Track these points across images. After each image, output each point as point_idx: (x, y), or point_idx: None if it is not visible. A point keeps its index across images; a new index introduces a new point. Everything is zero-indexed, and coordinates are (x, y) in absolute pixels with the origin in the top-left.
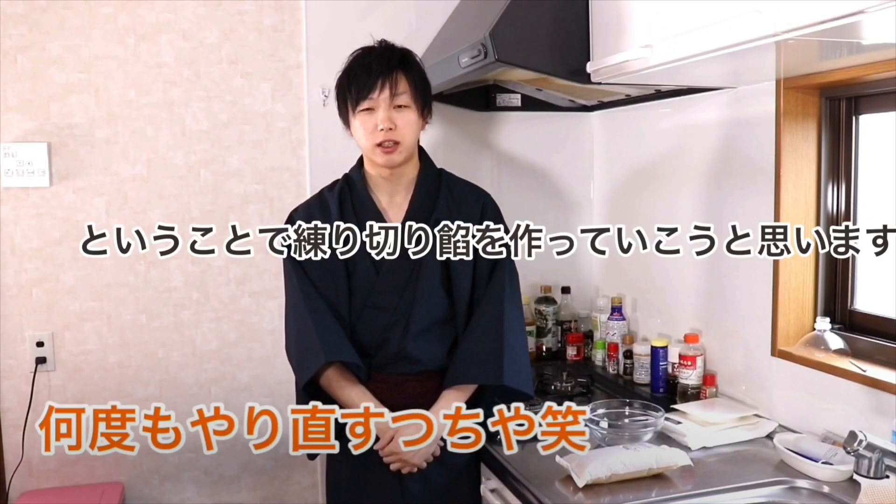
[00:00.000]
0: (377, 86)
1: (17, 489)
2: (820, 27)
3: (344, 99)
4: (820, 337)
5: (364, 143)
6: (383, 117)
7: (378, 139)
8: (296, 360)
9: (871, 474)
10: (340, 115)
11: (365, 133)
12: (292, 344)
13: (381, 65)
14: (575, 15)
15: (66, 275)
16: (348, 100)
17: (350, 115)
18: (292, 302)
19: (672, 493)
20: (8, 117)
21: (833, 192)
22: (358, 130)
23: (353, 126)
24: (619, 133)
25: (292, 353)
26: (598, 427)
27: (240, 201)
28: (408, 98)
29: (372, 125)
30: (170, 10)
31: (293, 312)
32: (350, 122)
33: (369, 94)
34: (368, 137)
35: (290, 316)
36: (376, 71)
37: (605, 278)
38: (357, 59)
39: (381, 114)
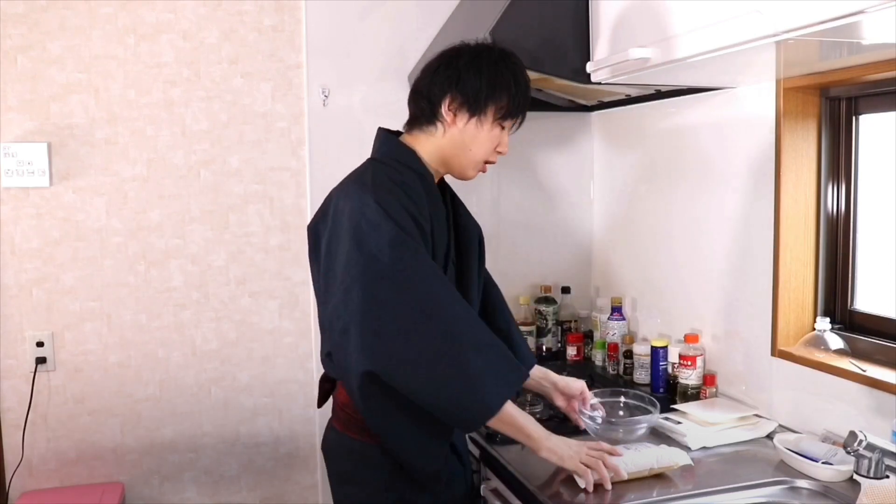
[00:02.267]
0: (524, 114)
1: (17, 489)
2: (820, 27)
3: (492, 99)
4: (820, 337)
5: (478, 152)
6: (507, 142)
7: (492, 158)
8: (480, 372)
9: (871, 474)
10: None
11: (489, 146)
12: (466, 353)
13: (530, 96)
14: (575, 15)
15: (66, 275)
16: (500, 104)
17: (490, 117)
18: (446, 293)
19: (672, 493)
20: (8, 117)
21: (833, 192)
22: (487, 138)
23: (482, 128)
24: (619, 133)
25: (465, 365)
26: (592, 421)
27: (240, 201)
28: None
29: (496, 143)
30: (170, 10)
31: (450, 310)
32: (482, 122)
33: (520, 116)
34: (487, 152)
35: (445, 319)
36: (528, 102)
37: (605, 278)
38: (521, 72)
39: (506, 138)
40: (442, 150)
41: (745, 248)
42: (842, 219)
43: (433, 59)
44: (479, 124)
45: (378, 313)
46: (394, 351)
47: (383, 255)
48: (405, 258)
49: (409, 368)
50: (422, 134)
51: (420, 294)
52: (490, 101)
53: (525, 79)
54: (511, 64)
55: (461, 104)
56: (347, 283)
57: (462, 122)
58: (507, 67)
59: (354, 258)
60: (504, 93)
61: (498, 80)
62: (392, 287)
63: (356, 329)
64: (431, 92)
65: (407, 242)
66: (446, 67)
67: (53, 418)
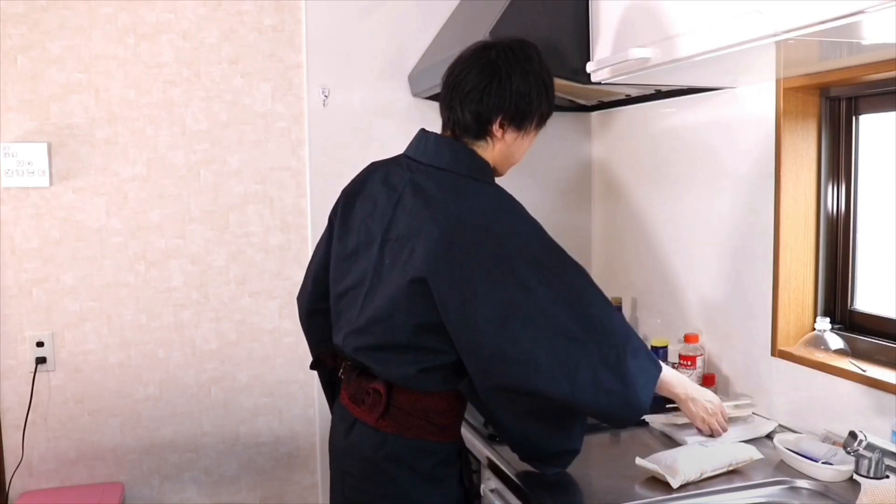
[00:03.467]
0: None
1: (17, 489)
2: (820, 27)
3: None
4: (820, 337)
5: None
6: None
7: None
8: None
9: (871, 474)
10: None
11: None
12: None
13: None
14: (575, 15)
15: (66, 275)
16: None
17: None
18: (594, 291)
19: (673, 493)
20: (8, 117)
21: (833, 192)
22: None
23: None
24: (619, 133)
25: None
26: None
27: (240, 201)
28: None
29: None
30: (170, 10)
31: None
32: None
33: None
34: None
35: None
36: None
37: (605, 278)
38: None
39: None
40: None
41: (745, 248)
42: (842, 219)
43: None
44: (525, 135)
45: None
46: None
47: (568, 275)
48: (560, 253)
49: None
50: (475, 146)
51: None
52: (535, 112)
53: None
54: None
55: (511, 121)
56: (531, 305)
57: (511, 137)
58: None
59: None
60: (545, 100)
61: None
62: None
63: (545, 354)
64: (480, 110)
65: (576, 266)
66: (498, 86)
67: (53, 418)
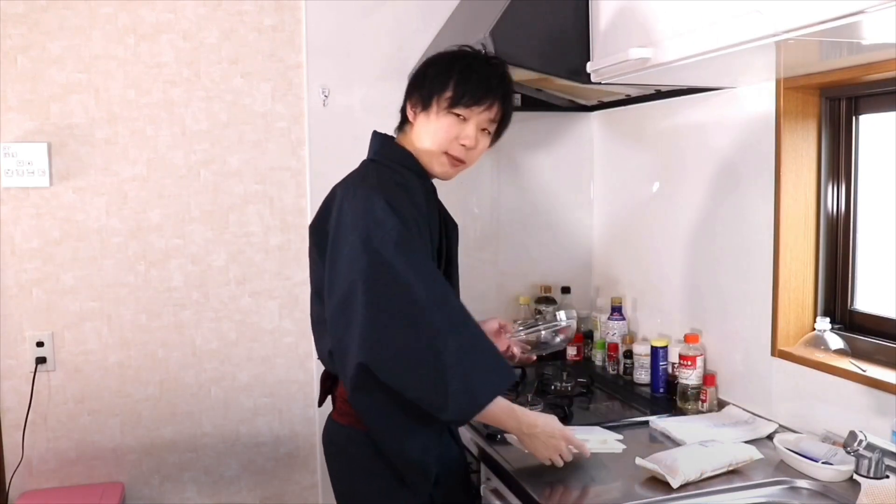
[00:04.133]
0: (486, 103)
1: (17, 489)
2: (820, 27)
3: (439, 88)
4: (820, 337)
5: (434, 143)
6: (472, 135)
7: (454, 151)
8: (470, 372)
9: (871, 474)
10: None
11: (445, 136)
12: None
13: (500, 86)
14: (575, 15)
15: (66, 275)
16: (446, 93)
17: (434, 107)
18: (443, 293)
19: (673, 493)
20: (8, 117)
21: (833, 192)
22: (437, 128)
23: (430, 118)
24: (619, 133)
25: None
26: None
27: (240, 201)
28: (495, 127)
29: (455, 134)
30: (170, 10)
31: (445, 309)
32: (429, 113)
33: (475, 105)
34: (444, 142)
35: (442, 312)
36: (493, 89)
37: (605, 278)
38: (477, 62)
39: (471, 130)
40: (413, 148)
41: (745, 248)
42: (842, 219)
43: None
44: (427, 115)
45: (378, 309)
46: (390, 347)
47: (387, 253)
48: (408, 257)
49: (403, 365)
50: (403, 135)
51: (418, 293)
52: (436, 91)
53: (482, 71)
54: (468, 59)
55: (417, 100)
56: (351, 280)
57: (418, 118)
58: (459, 60)
59: (359, 256)
60: (449, 82)
61: (446, 73)
62: (393, 285)
63: (357, 324)
64: (404, 99)
65: (411, 241)
66: (413, 74)
67: (53, 418)
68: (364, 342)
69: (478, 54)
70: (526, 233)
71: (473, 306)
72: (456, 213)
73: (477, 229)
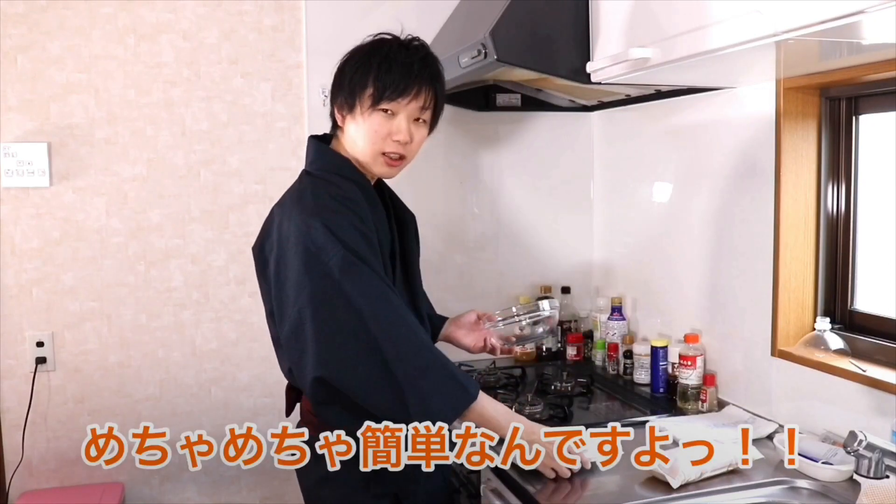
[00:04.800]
0: (412, 93)
1: (17, 489)
2: (820, 27)
3: (360, 87)
4: (820, 337)
5: (367, 146)
6: (404, 128)
7: (390, 149)
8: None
9: (871, 474)
10: (340, 100)
11: (375, 136)
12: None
13: (423, 70)
14: (575, 15)
15: (66, 275)
16: (368, 91)
17: (359, 107)
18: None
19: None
20: (8, 117)
21: (833, 192)
22: (367, 129)
23: (358, 121)
24: (619, 133)
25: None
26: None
27: (240, 201)
28: (429, 114)
29: (386, 131)
30: (170, 10)
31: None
32: (354, 115)
33: (399, 97)
34: (377, 142)
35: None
36: (417, 76)
37: (605, 278)
38: (393, 50)
39: (402, 124)
40: (349, 153)
41: (746, 248)
42: (842, 219)
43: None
44: (354, 119)
45: (328, 334)
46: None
47: (331, 278)
48: (353, 281)
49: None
50: (337, 140)
51: (368, 317)
52: (357, 90)
53: (402, 59)
54: (384, 48)
55: (342, 103)
56: (300, 307)
57: (347, 122)
58: (376, 52)
59: (304, 282)
60: (368, 77)
61: (361, 68)
62: (342, 311)
63: (310, 351)
64: (331, 102)
65: (355, 265)
66: (334, 74)
67: (53, 418)
68: (318, 363)
69: (395, 41)
70: (526, 233)
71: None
72: (456, 212)
73: (477, 229)
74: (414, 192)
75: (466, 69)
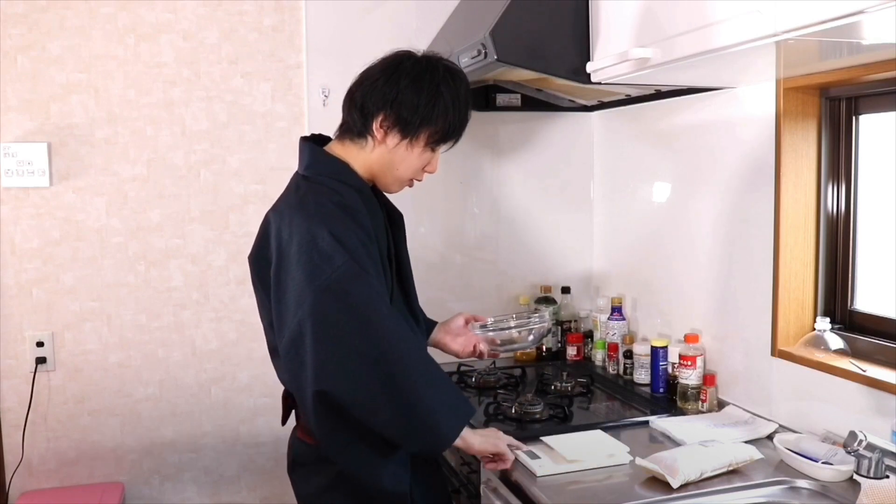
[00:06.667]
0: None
1: (17, 489)
2: (820, 27)
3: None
4: (820, 337)
5: (407, 174)
6: (437, 163)
7: (419, 178)
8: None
9: (871, 474)
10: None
11: (418, 168)
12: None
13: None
14: (575, 15)
15: (66, 275)
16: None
17: (422, 141)
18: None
19: (673, 494)
20: (8, 117)
21: (833, 192)
22: (416, 161)
23: (413, 152)
24: (619, 133)
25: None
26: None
27: (240, 201)
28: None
29: (425, 163)
30: (170, 10)
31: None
32: (412, 145)
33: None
34: (416, 172)
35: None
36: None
37: (605, 278)
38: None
39: (437, 160)
40: (370, 165)
41: (745, 248)
42: (842, 219)
43: (374, 66)
44: (410, 147)
45: (331, 351)
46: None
47: (335, 290)
48: (358, 293)
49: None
50: (353, 145)
51: (372, 331)
52: (424, 125)
53: (466, 101)
54: (454, 86)
55: (394, 124)
56: (300, 318)
57: (393, 142)
58: (448, 89)
59: (306, 293)
60: (440, 118)
61: (436, 103)
62: (345, 323)
63: (310, 364)
64: (365, 105)
65: (360, 276)
66: (386, 82)
67: (53, 418)
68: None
69: (460, 76)
70: (526, 233)
71: (473, 306)
72: (456, 212)
73: (477, 229)
74: (414, 192)
75: (466, 69)
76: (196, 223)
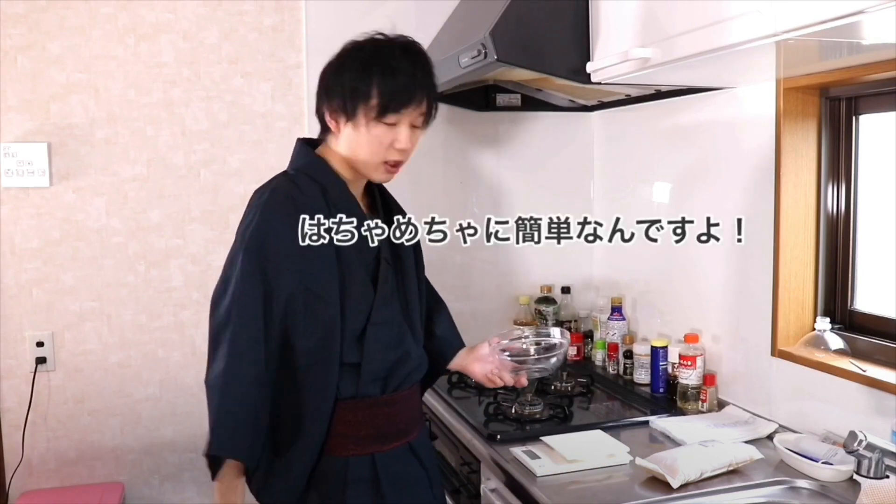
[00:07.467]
0: (415, 102)
1: (17, 489)
2: (820, 27)
3: (362, 97)
4: (820, 337)
5: (370, 156)
6: (406, 137)
7: (392, 157)
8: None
9: (871, 474)
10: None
11: (379, 147)
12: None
13: (426, 79)
14: (575, 15)
15: (66, 275)
16: (371, 102)
17: (361, 117)
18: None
19: (673, 494)
20: (8, 117)
21: (833, 192)
22: (369, 140)
23: (360, 131)
24: (619, 133)
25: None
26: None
27: (240, 201)
28: (423, 118)
29: (389, 141)
30: (170, 10)
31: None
32: (357, 125)
33: (405, 107)
34: (380, 152)
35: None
36: (420, 84)
37: (605, 278)
38: (395, 57)
39: (404, 132)
40: (342, 157)
41: (746, 248)
42: (842, 219)
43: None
44: (356, 128)
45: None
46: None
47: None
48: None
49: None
50: (329, 143)
51: (221, 327)
52: (359, 99)
53: (406, 67)
54: (384, 56)
55: (335, 110)
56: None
57: (344, 129)
58: (377, 61)
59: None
60: (371, 90)
61: (363, 77)
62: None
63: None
64: (318, 102)
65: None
66: (321, 76)
67: (53, 418)
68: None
69: (394, 44)
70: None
71: (473, 306)
72: (456, 213)
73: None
74: (414, 191)
75: (466, 69)
76: (196, 223)
